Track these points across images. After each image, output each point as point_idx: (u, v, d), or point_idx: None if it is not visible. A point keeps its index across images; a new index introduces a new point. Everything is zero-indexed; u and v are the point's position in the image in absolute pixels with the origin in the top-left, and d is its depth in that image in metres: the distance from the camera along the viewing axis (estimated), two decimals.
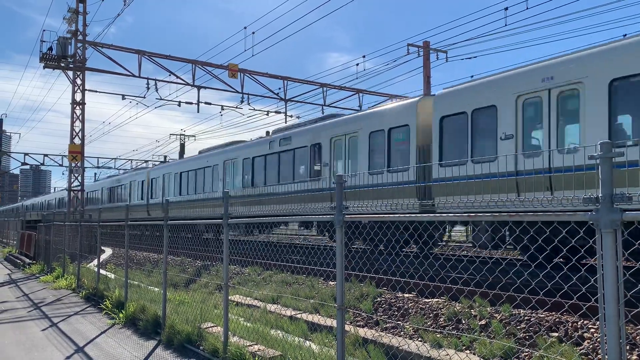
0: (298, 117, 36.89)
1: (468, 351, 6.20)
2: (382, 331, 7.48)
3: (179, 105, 31.19)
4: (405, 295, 9.05)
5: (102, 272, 13.05)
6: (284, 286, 11.46)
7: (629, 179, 8.85)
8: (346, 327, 6.28)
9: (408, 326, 7.46)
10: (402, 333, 7.33)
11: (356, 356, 6.14)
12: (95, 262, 14.96)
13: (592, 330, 6.23)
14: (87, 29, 28.24)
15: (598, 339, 5.89)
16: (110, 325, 9.05)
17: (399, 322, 7.76)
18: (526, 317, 6.91)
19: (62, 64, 27.06)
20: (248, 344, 6.35)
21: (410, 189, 13.70)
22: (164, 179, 29.63)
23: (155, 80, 28.85)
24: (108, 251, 22.89)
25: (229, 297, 7.01)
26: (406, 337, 6.95)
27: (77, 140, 27.77)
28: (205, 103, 32.17)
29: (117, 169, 53.11)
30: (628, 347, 5.73)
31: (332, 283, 10.62)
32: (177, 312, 8.34)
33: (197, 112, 31.90)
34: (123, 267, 11.64)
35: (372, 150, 15.46)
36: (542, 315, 6.86)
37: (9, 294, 13.38)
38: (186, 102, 32.22)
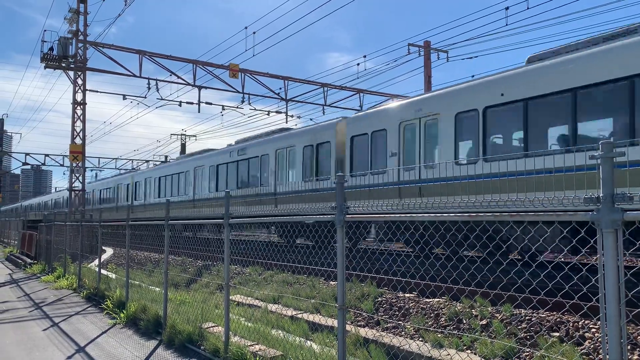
0: (299, 117, 36.93)
1: (469, 351, 6.20)
2: (383, 331, 7.48)
3: (179, 105, 31.21)
4: (406, 295, 9.05)
5: (103, 272, 13.06)
6: (285, 286, 11.46)
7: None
8: (347, 327, 6.28)
9: (409, 326, 7.46)
10: (403, 333, 7.33)
11: (357, 356, 6.15)
12: (96, 262, 14.97)
13: (593, 330, 6.23)
14: (88, 29, 28.35)
15: (599, 339, 5.89)
16: (112, 325, 9.06)
17: (400, 322, 7.76)
18: (527, 317, 6.91)
19: (63, 64, 27.06)
20: (249, 344, 6.36)
21: (330, 194, 16.46)
22: (145, 183, 32.46)
23: (156, 80, 28.87)
24: (109, 251, 22.91)
25: (230, 297, 7.01)
26: (407, 337, 6.95)
27: (78, 141, 27.80)
28: (206, 103, 32.18)
29: (118, 169, 53.36)
30: (629, 347, 5.73)
31: (333, 283, 10.62)
32: (178, 312, 8.35)
33: (198, 112, 31.99)
34: (124, 267, 11.65)
35: (304, 161, 18.62)
36: (543, 315, 6.86)
37: (10, 293, 13.40)
38: (187, 102, 32.10)
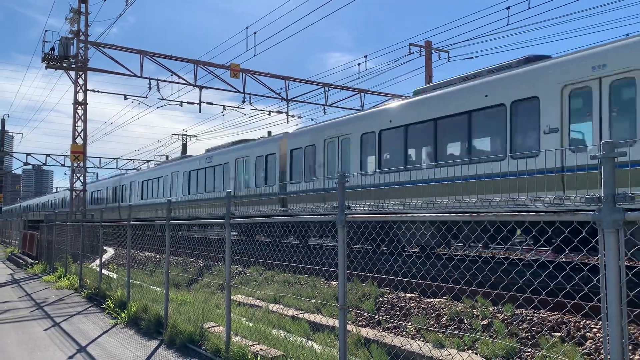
0: (300, 117, 36.91)
1: (470, 351, 6.20)
2: (384, 331, 7.48)
3: (180, 105, 31.23)
4: (408, 295, 9.05)
5: (104, 272, 13.07)
6: (286, 286, 11.47)
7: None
8: (348, 327, 6.28)
9: (410, 326, 7.46)
10: (404, 333, 7.33)
11: (358, 356, 6.14)
12: (97, 262, 14.99)
13: (594, 330, 6.22)
14: (89, 29, 28.30)
15: (600, 339, 5.88)
16: (113, 325, 9.07)
17: (401, 322, 7.76)
18: (528, 317, 6.91)
19: (64, 64, 27.06)
20: (250, 344, 6.36)
21: (276, 198, 19.64)
22: (130, 186, 35.40)
23: (157, 80, 28.86)
24: (110, 251, 22.93)
25: (231, 297, 7.01)
26: (408, 337, 6.95)
27: (79, 141, 27.81)
28: (207, 103, 32.18)
29: (119, 169, 53.60)
30: (630, 347, 5.73)
31: (334, 283, 10.62)
32: (179, 312, 8.35)
33: (199, 112, 32.09)
34: (125, 267, 11.66)
35: (257, 169, 21.51)
36: (544, 315, 6.86)
37: (11, 293, 13.41)
38: (188, 102, 32.09)
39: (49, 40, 26.83)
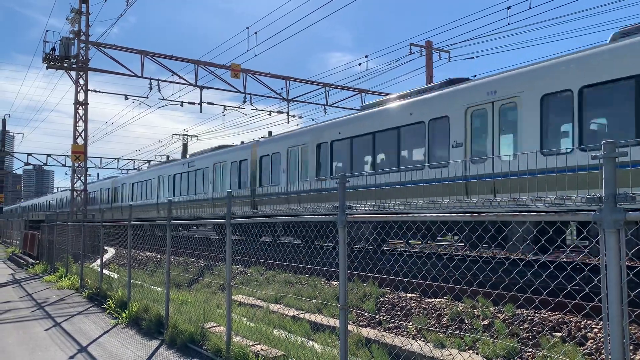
0: (300, 117, 36.90)
1: (471, 351, 6.20)
2: (385, 331, 7.47)
3: (181, 105, 31.25)
4: (408, 295, 9.04)
5: (105, 272, 13.08)
6: (287, 286, 11.47)
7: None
8: (349, 327, 6.28)
9: (411, 326, 7.46)
10: (405, 333, 7.33)
11: (359, 356, 6.14)
12: (98, 262, 15.00)
13: (595, 330, 6.22)
14: (90, 30, 28.29)
15: (601, 339, 5.88)
16: (114, 325, 9.07)
17: (401, 322, 7.76)
18: (529, 317, 6.90)
19: (65, 65, 27.09)
20: (251, 344, 6.36)
21: (247, 200, 21.63)
22: (122, 188, 37.66)
23: (157, 80, 28.89)
24: (111, 251, 22.94)
25: (232, 297, 7.02)
26: (409, 337, 6.95)
27: (80, 141, 27.84)
28: (208, 103, 32.21)
29: (120, 169, 53.84)
30: (632, 347, 5.72)
31: (334, 283, 10.62)
32: (180, 312, 8.36)
33: (200, 112, 32.02)
34: (126, 267, 11.66)
35: (232, 173, 23.52)
36: (545, 315, 6.85)
37: (12, 293, 13.42)
38: (189, 102, 32.09)
39: (50, 41, 26.88)
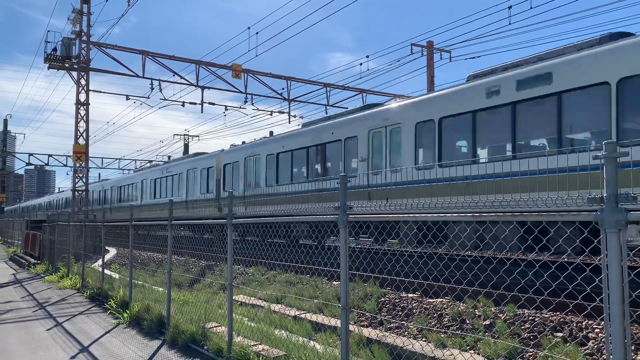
0: (302, 117, 36.91)
1: (472, 351, 6.20)
2: (386, 331, 7.48)
3: (182, 105, 31.24)
4: (409, 295, 9.04)
5: (106, 272, 13.09)
6: (288, 286, 11.47)
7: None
8: (350, 327, 6.28)
9: (412, 326, 7.46)
10: (406, 333, 7.33)
11: (360, 356, 6.15)
12: (99, 262, 15.01)
13: (596, 330, 6.22)
14: (91, 30, 28.29)
15: (603, 339, 5.87)
16: (115, 325, 9.08)
17: (403, 322, 7.76)
18: (530, 317, 6.90)
19: (67, 65, 27.09)
20: (252, 344, 6.36)
21: (214, 204, 24.61)
22: (111, 190, 41.05)
23: (159, 80, 28.90)
24: (112, 251, 22.96)
25: (233, 297, 7.02)
26: (410, 337, 6.95)
27: (81, 141, 27.86)
28: (209, 103, 32.22)
29: (121, 169, 54.01)
30: (633, 347, 5.72)
31: (336, 283, 10.62)
32: (182, 312, 8.36)
33: (201, 112, 31.80)
34: (127, 267, 11.67)
35: (202, 179, 26.30)
36: (546, 315, 6.85)
37: (14, 293, 13.44)
38: (190, 103, 32.07)
39: (51, 41, 26.86)
